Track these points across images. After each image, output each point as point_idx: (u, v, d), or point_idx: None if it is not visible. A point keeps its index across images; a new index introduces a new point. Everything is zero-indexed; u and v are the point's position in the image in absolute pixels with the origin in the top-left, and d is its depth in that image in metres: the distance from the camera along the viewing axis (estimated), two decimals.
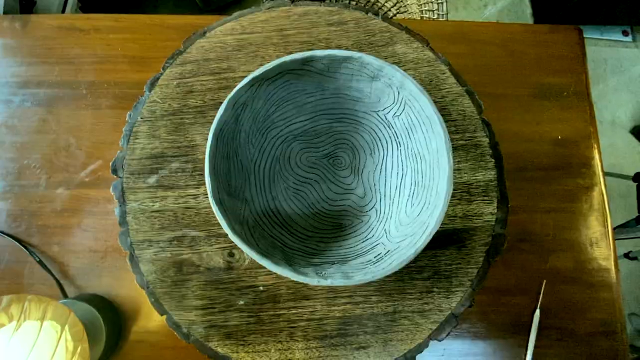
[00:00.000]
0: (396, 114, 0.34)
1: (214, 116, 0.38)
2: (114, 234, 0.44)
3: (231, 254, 0.37)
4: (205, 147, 0.30)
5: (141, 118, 0.39)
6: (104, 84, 0.47)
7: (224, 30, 0.42)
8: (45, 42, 0.49)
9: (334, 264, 0.32)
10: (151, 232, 0.37)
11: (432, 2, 0.79)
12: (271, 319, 0.36)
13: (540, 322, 0.43)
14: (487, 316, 0.43)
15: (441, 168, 0.29)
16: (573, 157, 0.48)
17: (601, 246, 0.46)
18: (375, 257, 0.31)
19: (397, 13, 0.85)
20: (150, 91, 0.40)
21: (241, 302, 0.36)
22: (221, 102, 0.40)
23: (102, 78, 0.47)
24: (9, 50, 0.48)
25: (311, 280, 0.27)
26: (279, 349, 0.35)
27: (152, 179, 0.38)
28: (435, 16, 0.78)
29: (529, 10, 1.38)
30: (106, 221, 0.44)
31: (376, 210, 0.36)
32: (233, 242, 0.37)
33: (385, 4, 0.85)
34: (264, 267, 0.36)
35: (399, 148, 0.36)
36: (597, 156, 0.48)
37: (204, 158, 0.34)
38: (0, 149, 0.46)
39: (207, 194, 0.38)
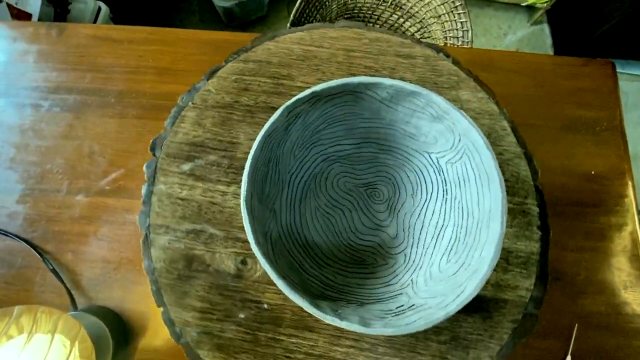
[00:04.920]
0: (450, 161, 0.33)
1: (263, 118, 0.38)
2: (129, 246, 0.43)
3: (244, 262, 0.36)
4: (247, 147, 0.29)
5: (192, 103, 0.39)
6: (132, 93, 0.48)
7: (293, 38, 0.42)
8: (79, 50, 0.49)
9: (351, 303, 0.30)
10: (171, 218, 0.36)
11: (456, 30, 0.80)
12: (268, 342, 0.34)
13: None
14: None
15: (491, 231, 0.27)
16: (606, 194, 0.46)
17: (635, 290, 0.44)
18: (397, 308, 0.28)
19: (421, 38, 0.85)
20: (207, 79, 0.40)
21: (241, 316, 0.34)
22: (273, 107, 0.39)
23: (131, 88, 0.48)
24: (43, 56, 0.49)
25: (325, 316, 0.25)
26: None
27: (186, 166, 0.38)
28: (460, 43, 0.78)
29: (549, 40, 1.39)
30: (122, 231, 0.43)
31: (405, 256, 0.34)
32: (248, 250, 0.36)
33: (410, 29, 0.86)
34: (273, 284, 0.34)
35: (445, 197, 0.34)
36: (631, 194, 0.46)
37: (243, 157, 0.33)
38: (25, 152, 0.46)
39: (235, 194, 0.37)
